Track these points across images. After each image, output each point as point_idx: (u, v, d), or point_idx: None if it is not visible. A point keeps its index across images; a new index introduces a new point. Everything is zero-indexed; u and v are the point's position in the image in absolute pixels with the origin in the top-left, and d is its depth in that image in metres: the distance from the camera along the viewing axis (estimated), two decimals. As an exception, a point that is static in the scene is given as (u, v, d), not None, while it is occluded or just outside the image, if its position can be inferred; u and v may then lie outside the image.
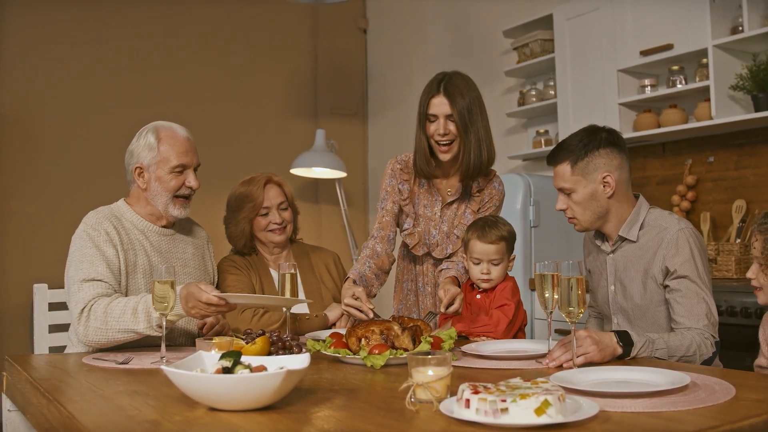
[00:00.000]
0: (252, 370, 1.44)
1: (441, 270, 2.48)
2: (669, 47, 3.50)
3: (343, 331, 2.08)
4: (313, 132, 5.24)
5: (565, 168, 2.18)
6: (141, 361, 1.99)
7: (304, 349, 1.96)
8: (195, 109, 4.90)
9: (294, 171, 5.07)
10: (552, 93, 4.19)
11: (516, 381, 1.34)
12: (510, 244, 2.35)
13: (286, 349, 1.93)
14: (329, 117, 5.75)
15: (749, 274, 1.93)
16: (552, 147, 4.08)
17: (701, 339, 2.02)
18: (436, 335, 2.00)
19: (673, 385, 1.46)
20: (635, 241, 2.19)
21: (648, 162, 3.94)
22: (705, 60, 3.41)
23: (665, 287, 2.12)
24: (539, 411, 1.21)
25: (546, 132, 4.32)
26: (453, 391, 1.38)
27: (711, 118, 3.37)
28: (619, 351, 1.85)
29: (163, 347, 1.96)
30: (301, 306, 2.65)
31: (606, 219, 2.21)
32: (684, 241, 2.10)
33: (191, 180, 2.35)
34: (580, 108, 3.93)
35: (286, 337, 1.97)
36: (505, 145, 4.63)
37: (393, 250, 2.54)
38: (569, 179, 2.18)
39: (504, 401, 1.22)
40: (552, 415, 1.21)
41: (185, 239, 2.47)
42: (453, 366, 1.45)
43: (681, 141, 3.78)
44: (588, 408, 1.29)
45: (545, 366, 1.81)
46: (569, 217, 2.24)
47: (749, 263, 1.95)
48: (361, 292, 2.23)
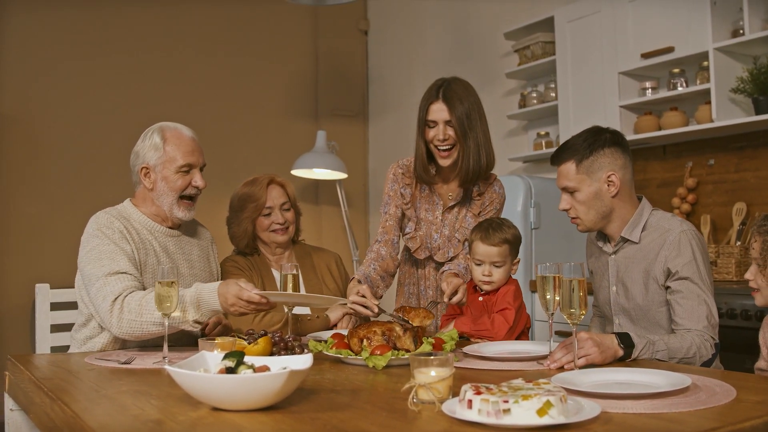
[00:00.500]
0: (255, 370, 1.44)
1: (443, 272, 2.50)
2: (670, 50, 3.51)
3: (345, 332, 2.09)
4: (314, 133, 5.25)
5: (570, 167, 2.19)
6: (143, 361, 1.99)
7: (306, 350, 1.97)
8: (195, 110, 4.91)
9: (295, 172, 5.08)
10: (553, 95, 4.20)
11: (518, 382, 1.35)
12: (514, 247, 2.35)
13: (288, 350, 1.94)
14: (330, 118, 5.76)
15: (748, 275, 1.93)
16: (553, 149, 4.11)
17: (701, 341, 2.02)
18: (437, 336, 2.01)
19: (674, 387, 1.47)
20: (637, 243, 2.20)
21: (648, 164, 3.95)
22: (706, 63, 3.42)
23: (667, 288, 2.13)
24: (541, 412, 1.22)
25: (547, 134, 4.32)
26: (455, 392, 1.38)
27: (711, 120, 3.38)
28: (620, 353, 1.85)
29: (165, 347, 1.97)
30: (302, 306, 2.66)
31: (609, 219, 2.22)
32: (686, 243, 2.10)
33: (197, 180, 2.36)
34: (580, 110, 3.94)
35: (288, 338, 1.98)
36: (506, 147, 4.64)
37: (398, 254, 2.55)
38: (574, 178, 2.18)
39: (506, 402, 1.23)
40: (554, 416, 1.22)
41: (191, 240, 2.48)
42: (454, 367, 1.45)
43: (681, 143, 3.79)
44: (590, 409, 1.29)
45: (546, 367, 1.82)
46: (572, 217, 2.24)
47: (749, 265, 1.96)
48: (366, 289, 2.24)
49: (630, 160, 2.22)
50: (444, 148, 2.45)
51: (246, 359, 1.48)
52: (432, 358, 1.43)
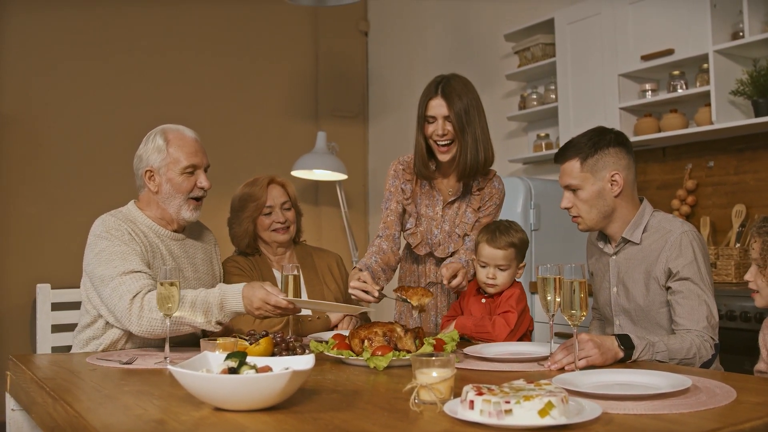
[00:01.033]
0: (258, 370, 1.45)
1: (444, 265, 2.51)
2: (670, 52, 3.52)
3: (346, 333, 2.09)
4: (314, 134, 5.25)
5: (574, 164, 2.19)
6: (145, 362, 2.00)
7: (307, 350, 1.97)
8: (196, 111, 4.92)
9: (295, 173, 5.08)
10: (553, 97, 4.21)
11: (519, 383, 1.36)
12: (520, 251, 2.35)
13: (289, 350, 1.95)
14: (330, 119, 5.76)
15: (747, 276, 1.94)
16: (553, 151, 4.12)
17: (700, 341, 2.03)
18: (438, 337, 2.02)
19: (675, 388, 1.47)
20: (638, 244, 2.21)
21: (648, 166, 3.96)
22: (706, 65, 3.42)
23: (667, 289, 2.13)
24: (543, 412, 1.23)
25: (547, 136, 4.33)
26: (456, 393, 1.39)
27: (711, 123, 3.39)
28: (621, 354, 1.86)
29: (167, 347, 1.98)
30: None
31: (611, 219, 2.22)
32: (687, 244, 2.11)
33: (202, 180, 2.36)
34: (580, 112, 3.95)
35: (289, 339, 1.98)
36: (506, 149, 4.65)
37: (399, 248, 2.57)
38: (578, 176, 2.19)
39: (508, 403, 1.23)
40: (555, 417, 1.23)
41: (195, 244, 2.49)
42: (455, 368, 1.46)
43: (681, 146, 3.80)
44: (591, 410, 1.30)
45: (547, 369, 1.82)
46: (573, 216, 2.24)
47: (749, 267, 1.97)
48: (367, 275, 2.26)
49: (633, 161, 2.23)
50: (443, 143, 2.48)
51: (248, 360, 1.48)
52: (434, 358, 1.43)
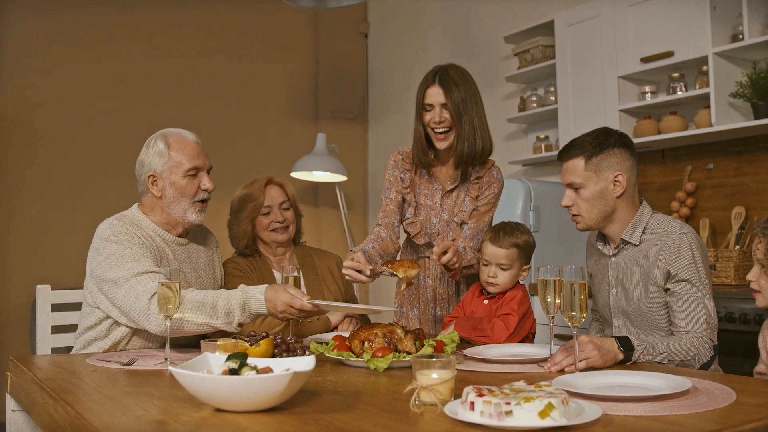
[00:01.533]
0: (258, 371, 1.45)
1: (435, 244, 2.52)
2: (669, 54, 3.52)
3: (346, 334, 2.09)
4: (314, 135, 5.25)
5: (578, 162, 2.19)
6: (145, 363, 2.00)
7: (307, 352, 1.97)
8: (196, 112, 4.92)
9: (294, 174, 5.08)
10: (552, 99, 4.22)
11: (520, 384, 1.36)
12: (524, 252, 2.34)
13: (289, 352, 1.95)
14: (330, 121, 5.77)
15: (749, 276, 1.92)
16: (553, 152, 4.12)
17: (699, 343, 2.03)
18: (438, 339, 2.02)
19: (675, 390, 1.48)
20: (637, 245, 2.21)
21: (648, 168, 3.96)
22: (705, 67, 3.43)
23: (666, 290, 2.14)
24: (543, 414, 1.23)
25: (546, 137, 4.34)
26: (457, 394, 1.39)
27: (711, 125, 3.39)
28: (621, 356, 1.86)
29: (167, 348, 1.98)
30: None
31: (610, 220, 2.22)
32: (686, 246, 2.11)
33: (206, 182, 2.36)
34: (580, 114, 3.95)
35: (289, 340, 1.98)
36: (506, 151, 4.65)
37: (398, 237, 2.58)
38: (581, 174, 2.19)
39: (508, 404, 1.24)
40: (556, 418, 1.23)
41: (198, 248, 2.49)
42: (455, 369, 1.46)
43: (681, 148, 3.81)
44: (591, 411, 1.30)
45: (547, 370, 1.83)
46: (573, 215, 2.24)
47: (748, 269, 1.96)
48: (360, 256, 2.27)
49: (636, 163, 2.25)
50: (440, 130, 2.50)
51: (249, 361, 1.49)
52: (434, 360, 1.43)
